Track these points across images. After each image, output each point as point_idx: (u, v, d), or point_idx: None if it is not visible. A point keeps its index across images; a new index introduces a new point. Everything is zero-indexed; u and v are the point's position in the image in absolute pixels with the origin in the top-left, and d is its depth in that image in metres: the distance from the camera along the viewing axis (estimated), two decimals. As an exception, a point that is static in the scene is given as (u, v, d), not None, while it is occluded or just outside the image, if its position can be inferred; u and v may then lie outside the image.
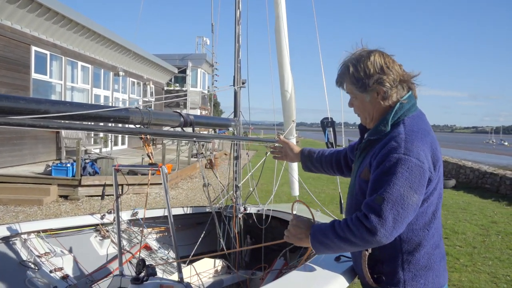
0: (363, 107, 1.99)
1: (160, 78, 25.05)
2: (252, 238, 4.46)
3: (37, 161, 12.64)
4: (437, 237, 1.93)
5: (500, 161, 34.81)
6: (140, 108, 2.79)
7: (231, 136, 3.89)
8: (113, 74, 18.21)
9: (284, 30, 5.03)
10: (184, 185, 13.20)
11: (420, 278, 1.88)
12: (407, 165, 1.73)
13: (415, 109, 1.94)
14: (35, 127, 2.03)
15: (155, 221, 4.24)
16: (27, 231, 3.34)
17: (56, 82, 13.98)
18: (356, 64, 1.91)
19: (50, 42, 13.22)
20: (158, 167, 2.69)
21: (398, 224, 1.74)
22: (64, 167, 10.54)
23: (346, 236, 1.82)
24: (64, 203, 9.88)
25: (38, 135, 12.73)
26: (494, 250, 6.76)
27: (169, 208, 2.71)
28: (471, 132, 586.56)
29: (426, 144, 1.81)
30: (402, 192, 1.72)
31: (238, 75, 4.21)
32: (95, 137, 16.37)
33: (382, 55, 1.92)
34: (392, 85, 1.89)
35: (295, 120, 5.22)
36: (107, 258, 3.77)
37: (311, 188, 12.35)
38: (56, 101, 2.21)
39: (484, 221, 8.96)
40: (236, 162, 4.22)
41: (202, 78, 29.55)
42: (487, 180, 13.84)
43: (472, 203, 11.13)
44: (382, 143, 1.86)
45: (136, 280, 2.57)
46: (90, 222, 3.82)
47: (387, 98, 1.91)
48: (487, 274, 5.63)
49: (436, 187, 1.86)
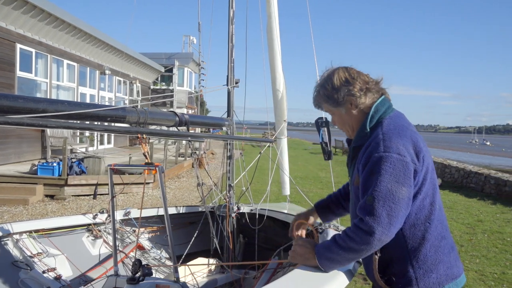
0: (342, 120, 2.11)
1: (147, 77, 24.90)
2: (245, 238, 4.46)
3: (22, 160, 12.47)
4: (441, 228, 1.95)
5: (482, 160, 35.35)
6: (136, 108, 2.77)
7: (224, 136, 3.88)
8: (99, 73, 18.05)
9: (276, 30, 5.04)
10: (171, 185, 13.15)
11: (431, 273, 1.90)
12: (389, 161, 1.80)
13: (392, 111, 2.03)
14: (34, 126, 2.00)
15: (147, 220, 4.22)
16: (19, 231, 3.29)
17: (41, 80, 13.80)
18: (324, 84, 2.06)
19: (35, 39, 13.05)
20: (154, 166, 2.68)
21: (393, 219, 1.78)
22: (50, 166, 10.42)
23: (348, 246, 1.86)
24: (50, 203, 9.77)
25: (22, 134, 12.56)
26: (481, 248, 6.86)
27: (165, 207, 2.70)
28: (455, 132, 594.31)
29: (405, 138, 1.87)
30: (390, 187, 1.78)
31: (232, 75, 4.20)
32: (81, 136, 16.21)
33: (346, 69, 2.05)
34: (361, 92, 1.99)
35: (286, 119, 5.24)
36: (100, 258, 3.74)
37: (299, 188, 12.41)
38: (54, 100, 2.18)
39: (470, 220, 9.09)
40: (230, 161, 4.22)
41: (189, 77, 29.43)
42: (472, 179, 14.03)
43: (458, 202, 11.28)
44: (364, 147, 1.95)
45: (132, 280, 2.56)
46: (82, 222, 3.78)
47: (359, 105, 2.01)
48: (474, 272, 5.71)
49: (426, 177, 1.90)
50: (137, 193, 11.15)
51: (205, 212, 4.36)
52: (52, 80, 14.31)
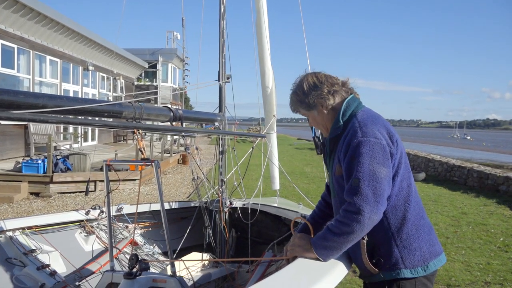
0: (316, 121, 2.26)
1: (130, 73, 24.68)
2: (237, 232, 4.49)
3: (5, 158, 12.30)
4: (418, 208, 2.10)
5: (464, 154, 35.85)
6: (132, 103, 2.78)
7: (219, 131, 3.90)
8: (82, 69, 17.84)
9: (265, 25, 5.07)
10: (158, 181, 13.08)
11: (415, 251, 2.03)
12: (368, 144, 1.93)
13: (363, 107, 2.17)
14: (35, 121, 2.01)
15: (139, 216, 4.22)
16: (12, 228, 3.27)
17: (24, 76, 13.59)
18: (296, 90, 2.23)
19: (17, 35, 12.84)
20: (150, 162, 2.68)
21: (379, 198, 1.90)
22: (35, 163, 10.28)
23: (342, 230, 1.93)
24: (35, 201, 9.65)
25: (5, 131, 12.38)
26: (466, 240, 7.00)
27: (162, 203, 2.71)
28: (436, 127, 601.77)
29: (379, 125, 2.03)
30: (372, 168, 1.91)
31: (223, 70, 4.21)
32: (65, 133, 16.02)
33: (314, 75, 2.21)
34: (329, 95, 2.15)
35: (275, 115, 5.28)
36: (93, 254, 3.73)
37: (286, 183, 12.47)
38: (54, 95, 2.18)
39: (455, 212, 9.25)
40: (222, 157, 4.24)
41: (173, 73, 29.26)
42: (455, 173, 14.26)
43: (442, 195, 11.45)
44: (343, 137, 2.08)
45: (129, 275, 2.56)
46: (75, 218, 3.77)
47: (329, 106, 2.16)
48: (461, 263, 5.83)
49: (401, 161, 2.04)
50: (123, 189, 11.09)
51: (197, 207, 4.38)
52: (35, 76, 14.10)
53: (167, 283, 2.67)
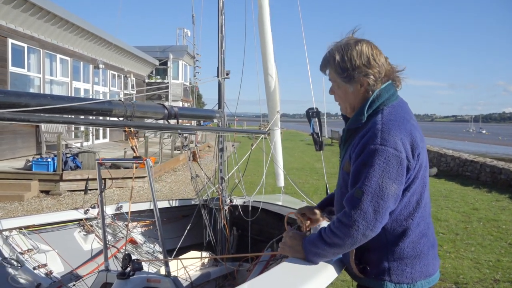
0: (345, 97, 1.98)
1: (141, 71, 24.77)
2: (238, 230, 4.44)
3: (17, 156, 12.41)
4: (423, 225, 1.91)
5: (479, 149, 35.44)
6: (123, 101, 2.73)
7: (216, 128, 3.85)
8: (93, 67, 17.93)
9: (267, 21, 4.99)
10: (167, 178, 13.12)
11: (406, 267, 1.87)
12: (384, 155, 1.73)
13: (395, 98, 1.93)
14: (15, 120, 1.97)
15: (140, 214, 4.19)
16: (9, 227, 3.26)
17: (34, 75, 13.70)
18: (342, 53, 1.88)
19: (27, 34, 12.93)
20: (142, 160, 2.64)
21: (380, 215, 1.74)
22: (45, 161, 10.37)
23: (333, 241, 1.83)
24: (45, 199, 9.73)
25: (17, 129, 12.49)
26: (476, 236, 6.87)
27: (154, 201, 2.67)
28: (451, 121, 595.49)
29: (404, 132, 1.79)
30: (381, 183, 1.72)
31: (222, 66, 4.16)
32: (76, 131, 16.12)
33: (370, 46, 1.89)
34: (377, 78, 1.88)
35: (279, 111, 5.21)
36: (92, 253, 3.71)
37: (295, 179, 12.40)
38: (37, 94, 2.15)
39: (466, 208, 9.10)
40: (221, 154, 4.19)
41: (184, 70, 29.29)
42: (468, 167, 14.04)
43: (453, 191, 11.29)
44: (361, 134, 1.86)
45: (122, 275, 2.53)
46: (73, 217, 3.75)
47: (370, 90, 1.90)
48: (470, 260, 5.71)
49: (418, 175, 1.84)
50: (133, 187, 11.12)
51: (198, 205, 4.33)
52: (45, 75, 14.21)
53: (161, 283, 2.64)
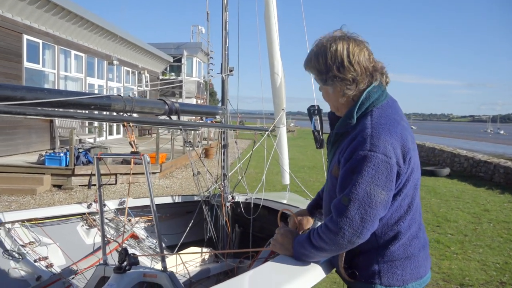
0: (327, 98, 1.95)
1: (155, 67, 24.91)
2: (240, 227, 4.45)
3: (31, 151, 12.59)
4: (414, 228, 1.88)
5: (496, 149, 34.95)
6: (122, 95, 2.75)
7: (218, 124, 3.86)
8: (107, 63, 18.09)
9: (273, 17, 4.98)
10: (178, 175, 13.19)
11: (396, 269, 1.84)
12: (373, 162, 1.68)
13: (385, 98, 1.86)
14: (11, 114, 2.00)
15: (143, 210, 4.22)
16: (11, 220, 3.31)
17: (49, 71, 13.87)
18: (318, 55, 1.84)
19: (42, 30, 13.09)
20: (140, 155, 2.66)
21: (367, 223, 1.70)
22: (58, 156, 10.50)
23: (320, 246, 1.82)
24: (57, 193, 9.86)
25: (32, 124, 12.66)
26: (485, 238, 6.78)
27: (151, 197, 2.68)
28: (468, 121, 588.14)
29: (394, 136, 1.73)
30: (369, 190, 1.68)
31: (226, 63, 4.17)
32: (90, 127, 16.29)
33: (348, 44, 1.80)
34: (353, 82, 1.80)
35: (284, 108, 5.20)
36: (94, 247, 3.75)
37: (305, 177, 12.39)
38: (33, 87, 2.16)
39: (477, 209, 8.99)
40: (224, 150, 4.20)
41: (198, 67, 29.41)
42: (481, 168, 13.86)
43: (465, 192, 11.16)
44: (350, 138, 1.80)
45: (118, 269, 2.56)
46: (76, 211, 3.79)
47: (348, 92, 1.83)
48: (477, 262, 5.65)
49: (409, 179, 1.79)
50: (143, 182, 11.18)
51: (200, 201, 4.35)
52: (60, 71, 14.37)
53: (158, 278, 2.66)
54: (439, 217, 7.94)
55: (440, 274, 5.17)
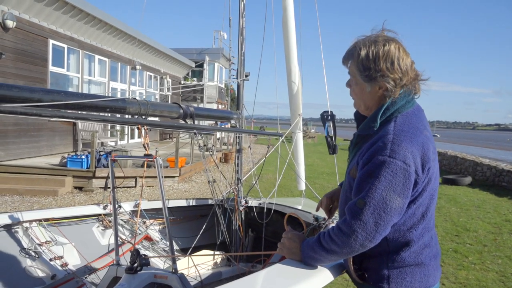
0: (361, 95, 1.91)
1: (177, 72, 25.19)
2: (253, 231, 4.47)
3: (54, 153, 12.86)
4: (427, 237, 1.88)
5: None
6: (138, 99, 2.81)
7: (232, 129, 3.89)
8: (130, 68, 18.38)
9: (291, 23, 5.01)
10: (197, 179, 13.28)
11: (406, 275, 1.83)
12: (392, 168, 1.68)
13: (411, 105, 1.85)
14: (27, 115, 2.07)
15: (157, 212, 4.28)
16: (29, 219, 3.40)
17: (73, 75, 14.17)
18: (368, 50, 1.79)
19: (67, 35, 13.39)
20: (152, 158, 2.71)
21: (380, 228, 1.71)
22: (79, 159, 10.71)
23: (331, 248, 1.82)
24: (78, 194, 10.04)
25: (55, 127, 12.94)
26: (505, 249, 6.64)
27: (163, 199, 2.73)
28: (494, 130, 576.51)
29: (415, 145, 1.72)
30: (385, 196, 1.68)
31: (242, 68, 4.21)
32: (112, 130, 16.55)
33: (398, 48, 1.79)
34: (397, 84, 1.79)
35: (301, 114, 5.21)
36: (109, 248, 3.82)
37: (324, 184, 12.33)
38: (51, 90, 2.23)
39: (498, 219, 8.81)
40: (238, 155, 4.23)
41: (219, 72, 29.59)
42: (504, 178, 13.58)
43: (487, 201, 10.94)
44: (371, 142, 1.80)
45: (130, 270, 2.61)
46: (92, 212, 3.87)
47: (388, 95, 1.81)
48: (495, 273, 5.54)
49: (426, 188, 1.79)
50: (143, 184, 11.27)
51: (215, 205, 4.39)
52: (84, 75, 14.67)
53: (168, 279, 2.70)
54: (458, 227, 7.81)
55: (456, 284, 5.09)
